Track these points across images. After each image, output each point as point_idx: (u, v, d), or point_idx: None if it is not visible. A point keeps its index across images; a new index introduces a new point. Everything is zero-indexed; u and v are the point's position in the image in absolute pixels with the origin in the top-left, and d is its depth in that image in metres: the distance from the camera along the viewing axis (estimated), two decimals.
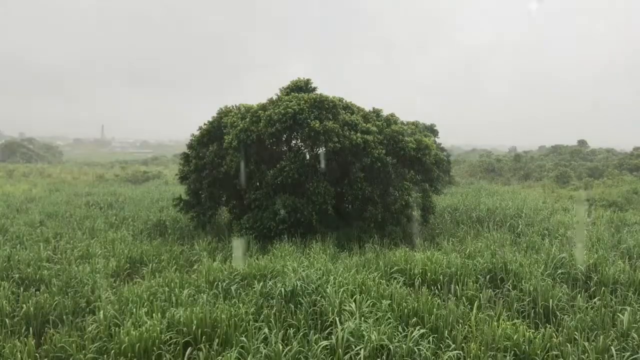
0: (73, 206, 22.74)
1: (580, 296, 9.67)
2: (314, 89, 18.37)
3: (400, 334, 7.71)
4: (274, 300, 9.12)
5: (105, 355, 7.31)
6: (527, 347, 7.40)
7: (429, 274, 10.68)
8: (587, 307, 9.13)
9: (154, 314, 8.14)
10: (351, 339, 7.35)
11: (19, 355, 7.26)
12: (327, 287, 9.18)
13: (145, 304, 8.89)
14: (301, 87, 18.21)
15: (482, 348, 7.30)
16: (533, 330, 8.12)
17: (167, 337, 7.65)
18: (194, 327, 7.82)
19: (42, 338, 8.30)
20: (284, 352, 7.09)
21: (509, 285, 10.25)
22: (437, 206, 19.85)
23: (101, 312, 8.43)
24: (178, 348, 7.52)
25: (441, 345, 7.59)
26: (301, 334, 7.69)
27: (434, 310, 8.53)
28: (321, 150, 16.71)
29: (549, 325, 8.42)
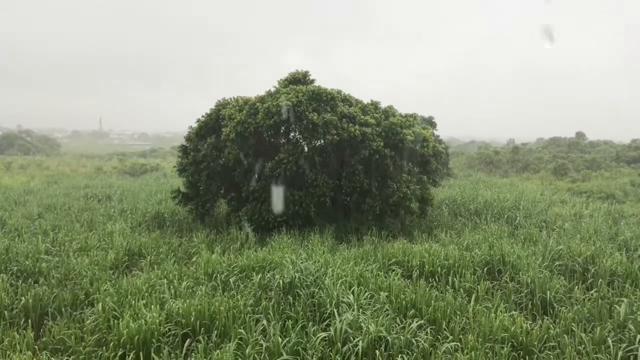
0: (71, 198, 22.69)
1: (578, 288, 9.72)
2: (312, 81, 18.30)
3: (398, 325, 7.75)
4: (273, 292, 9.15)
5: (104, 347, 7.34)
6: (524, 338, 7.44)
7: (426, 266, 10.72)
8: (584, 299, 9.19)
9: (152, 306, 8.16)
10: (349, 330, 7.38)
11: (18, 347, 7.28)
12: (326, 279, 9.21)
13: (145, 296, 8.92)
14: (299, 79, 18.14)
15: (480, 339, 7.34)
16: (530, 322, 8.17)
17: (166, 329, 7.67)
18: (192, 319, 7.84)
19: (41, 330, 8.32)
20: (283, 343, 7.12)
21: (506, 277, 10.30)
22: (435, 198, 19.86)
23: (100, 304, 8.45)
24: (177, 340, 7.55)
25: (439, 336, 7.63)
26: (300, 325, 7.72)
27: (432, 302, 8.57)
28: (319, 143, 16.68)
29: (546, 317, 8.47)
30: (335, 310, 7.94)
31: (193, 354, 7.17)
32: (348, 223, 16.33)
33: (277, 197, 15.55)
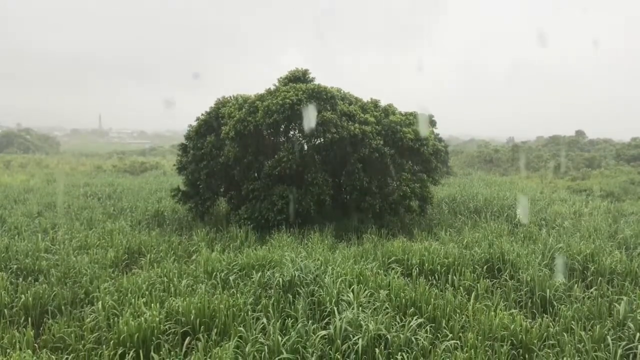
0: (71, 197, 22.69)
1: (577, 286, 9.72)
2: (312, 79, 18.28)
3: (398, 323, 7.75)
4: (272, 291, 9.15)
5: (104, 345, 7.34)
6: (524, 336, 7.45)
7: (426, 264, 10.72)
8: (583, 297, 9.19)
9: (152, 304, 8.16)
10: (349, 328, 7.39)
11: (18, 346, 7.29)
12: (325, 277, 9.21)
13: (144, 294, 8.92)
14: (299, 77, 18.12)
15: (479, 338, 7.35)
16: (530, 320, 8.19)
17: (166, 327, 7.68)
18: (192, 317, 7.85)
19: (41, 328, 8.32)
20: (283, 341, 7.12)
21: (506, 276, 10.31)
22: (435, 197, 19.85)
23: (99, 302, 8.45)
24: (177, 338, 7.56)
25: (438, 335, 7.64)
26: (299, 324, 7.72)
27: (432, 300, 8.57)
28: (319, 141, 16.67)
29: (545, 315, 8.48)
30: (335, 309, 7.94)
31: (193, 352, 7.18)
32: (348, 221, 16.34)
33: (277, 195, 15.54)
